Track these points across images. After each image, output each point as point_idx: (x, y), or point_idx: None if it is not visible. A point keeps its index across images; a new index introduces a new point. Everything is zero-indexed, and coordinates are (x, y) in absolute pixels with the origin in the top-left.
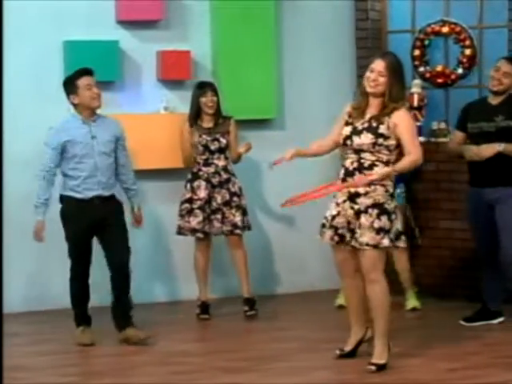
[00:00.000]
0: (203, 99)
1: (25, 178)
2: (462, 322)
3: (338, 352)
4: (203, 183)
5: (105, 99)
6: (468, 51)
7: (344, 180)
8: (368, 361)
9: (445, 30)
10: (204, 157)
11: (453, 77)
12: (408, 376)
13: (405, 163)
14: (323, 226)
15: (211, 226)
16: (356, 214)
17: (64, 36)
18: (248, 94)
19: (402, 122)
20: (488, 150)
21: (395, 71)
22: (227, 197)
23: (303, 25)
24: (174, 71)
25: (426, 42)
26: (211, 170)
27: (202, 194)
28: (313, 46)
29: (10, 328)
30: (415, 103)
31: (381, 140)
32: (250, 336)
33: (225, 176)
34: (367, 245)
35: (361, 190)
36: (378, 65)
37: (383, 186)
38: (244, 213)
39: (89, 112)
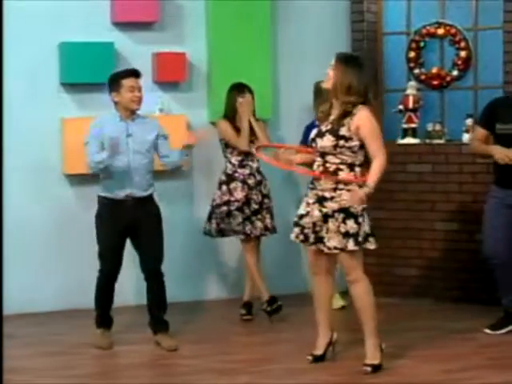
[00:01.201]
0: (241, 99)
1: (22, 178)
2: (488, 331)
3: (310, 358)
4: (240, 184)
5: (99, 101)
6: (463, 53)
7: (312, 183)
8: (359, 362)
9: (440, 31)
10: (240, 158)
11: (448, 79)
12: (403, 377)
13: (375, 174)
14: (295, 224)
15: (253, 226)
16: (323, 217)
17: (60, 37)
18: None
19: (364, 124)
20: None
21: (346, 65)
22: (260, 199)
23: (299, 26)
24: (169, 73)
25: (422, 44)
26: (247, 171)
27: (240, 195)
28: (308, 48)
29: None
30: (410, 105)
31: (342, 142)
32: (244, 338)
33: (258, 177)
34: (335, 248)
35: (327, 194)
36: (332, 67)
37: (349, 190)
38: (272, 216)
39: (127, 112)
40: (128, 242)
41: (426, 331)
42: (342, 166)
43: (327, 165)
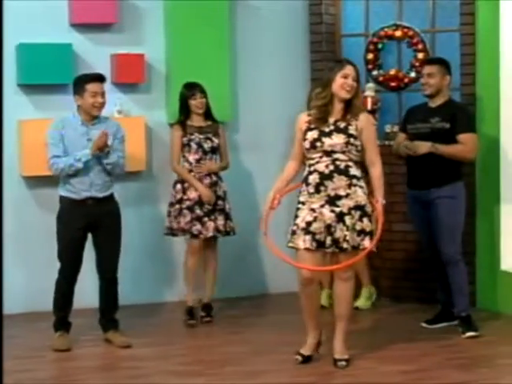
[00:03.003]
0: (193, 101)
1: None
2: (424, 325)
3: (299, 358)
4: None
5: (57, 102)
6: (421, 55)
7: (321, 184)
8: (319, 363)
9: (398, 33)
10: (197, 156)
11: (406, 80)
12: (357, 379)
13: (380, 183)
14: (294, 232)
15: (204, 227)
16: (337, 217)
17: (18, 39)
18: None
19: (367, 128)
20: (421, 146)
21: (359, 76)
22: (213, 199)
23: (257, 28)
24: (127, 74)
25: (380, 46)
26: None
27: (193, 194)
28: (267, 49)
29: None
30: (369, 106)
31: (352, 140)
32: (203, 340)
33: (214, 178)
34: (350, 246)
35: (341, 191)
36: (352, 70)
37: (361, 187)
38: (227, 217)
39: (88, 116)
40: (87, 244)
41: (385, 332)
42: (350, 163)
43: (337, 162)
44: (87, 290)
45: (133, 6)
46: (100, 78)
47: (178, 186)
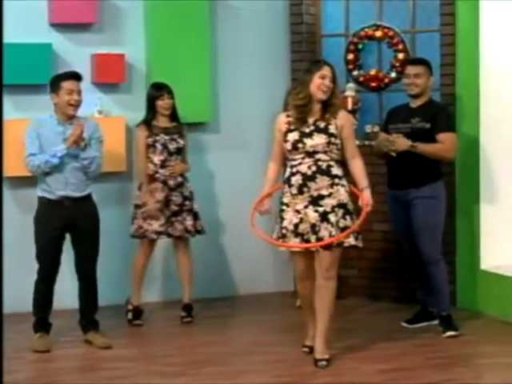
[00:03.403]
0: (160, 102)
1: None
2: (404, 324)
3: (306, 350)
4: (160, 185)
5: (38, 102)
6: (401, 55)
7: (304, 185)
8: (300, 363)
9: (378, 34)
10: (162, 158)
11: (386, 80)
12: (338, 379)
13: (364, 172)
14: (284, 236)
15: (173, 228)
16: (321, 216)
17: None
18: (183, 98)
19: (347, 124)
20: (401, 143)
21: (336, 76)
22: (180, 200)
23: (238, 28)
24: (107, 74)
25: (360, 46)
26: (167, 172)
27: (160, 196)
28: (248, 49)
29: None
30: (349, 106)
31: (333, 139)
32: (185, 340)
33: (180, 179)
34: (333, 243)
35: (324, 191)
36: (328, 71)
37: (343, 186)
38: (195, 217)
39: (65, 115)
40: (67, 245)
41: (365, 331)
42: (332, 163)
43: (319, 163)
44: (67, 291)
45: (113, 5)
46: (76, 76)
47: (144, 189)
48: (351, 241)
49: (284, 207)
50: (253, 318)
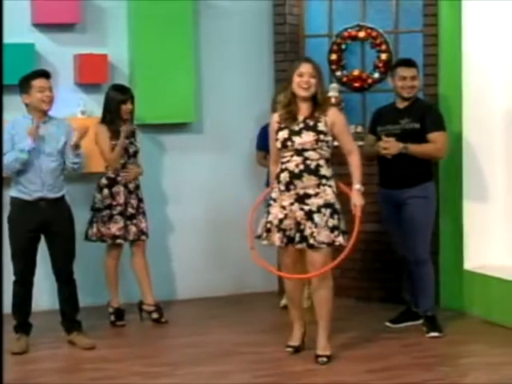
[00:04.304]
0: (124, 106)
1: None
2: (388, 324)
3: (290, 349)
4: (122, 188)
5: (20, 103)
6: (384, 56)
7: (291, 183)
8: (287, 362)
9: (361, 34)
10: (122, 161)
11: (369, 81)
12: (327, 377)
13: (359, 170)
14: (268, 230)
15: (127, 232)
16: (306, 215)
17: None
18: (166, 98)
19: (338, 120)
20: (393, 147)
21: (320, 72)
22: (136, 203)
23: (222, 28)
24: (91, 75)
25: (343, 47)
26: (124, 177)
27: (122, 199)
28: (231, 50)
29: None
30: None
31: (322, 136)
32: (169, 340)
33: (137, 182)
34: (323, 243)
35: (311, 190)
36: (307, 67)
37: (330, 186)
38: (146, 219)
39: (39, 114)
40: (41, 245)
41: (351, 331)
42: (321, 162)
43: (308, 162)
44: (44, 292)
45: (96, 6)
46: (45, 74)
47: (106, 191)
48: (341, 240)
49: (272, 202)
50: (237, 318)
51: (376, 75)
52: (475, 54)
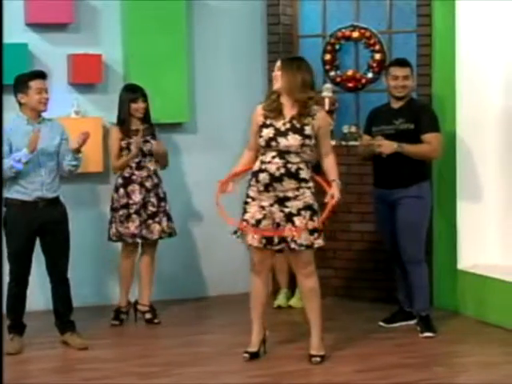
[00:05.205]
0: (134, 105)
1: None
2: (381, 324)
3: (246, 355)
4: (137, 187)
5: (14, 103)
6: (378, 56)
7: (270, 185)
8: (281, 362)
9: (355, 34)
10: (137, 160)
11: (363, 81)
12: (314, 378)
13: (336, 167)
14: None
15: (149, 230)
16: (286, 217)
17: None
18: (160, 98)
19: (325, 125)
20: (387, 146)
21: (295, 63)
22: (156, 202)
23: (216, 28)
24: (84, 75)
25: (337, 47)
26: (144, 173)
27: (138, 198)
28: (225, 50)
29: None
30: (326, 107)
31: (307, 141)
32: (162, 341)
33: (155, 180)
34: (302, 245)
35: (290, 193)
36: (278, 63)
37: (309, 188)
38: (169, 218)
39: (34, 114)
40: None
41: (342, 331)
42: (301, 165)
43: (289, 165)
44: (38, 292)
45: (89, 5)
46: (42, 75)
47: (121, 191)
48: (320, 242)
49: (249, 200)
50: (229, 318)
51: (370, 75)
52: (469, 54)
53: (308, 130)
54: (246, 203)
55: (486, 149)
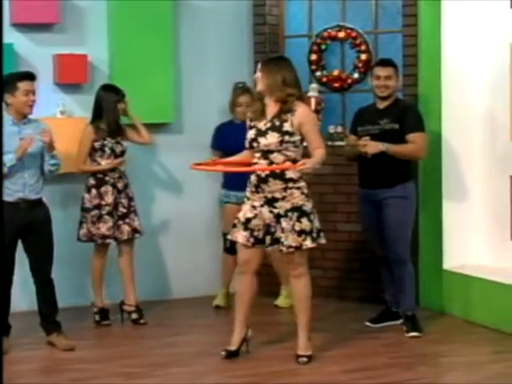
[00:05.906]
0: (119, 106)
1: None
2: (368, 323)
3: (224, 353)
4: (110, 188)
5: None
6: (364, 56)
7: (258, 186)
8: (265, 362)
9: (341, 34)
10: (109, 161)
11: (349, 81)
12: (301, 378)
13: (319, 156)
14: (234, 225)
15: (120, 231)
16: (276, 218)
17: None
18: (145, 98)
19: (306, 120)
20: (372, 146)
21: (275, 63)
22: (127, 202)
23: (202, 28)
24: (70, 75)
25: (323, 47)
26: (116, 174)
27: (110, 199)
28: (211, 50)
29: None
30: (312, 107)
31: (287, 137)
32: (147, 341)
33: (125, 180)
34: (290, 247)
35: (278, 194)
36: (259, 66)
37: (298, 188)
38: (138, 218)
39: (19, 115)
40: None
41: (330, 331)
42: (287, 163)
43: (273, 165)
44: (21, 293)
45: (75, 5)
46: (31, 77)
47: (94, 192)
48: (308, 243)
49: (245, 199)
50: (217, 318)
51: (356, 75)
52: (454, 54)
53: (287, 127)
54: (243, 203)
55: (471, 148)
